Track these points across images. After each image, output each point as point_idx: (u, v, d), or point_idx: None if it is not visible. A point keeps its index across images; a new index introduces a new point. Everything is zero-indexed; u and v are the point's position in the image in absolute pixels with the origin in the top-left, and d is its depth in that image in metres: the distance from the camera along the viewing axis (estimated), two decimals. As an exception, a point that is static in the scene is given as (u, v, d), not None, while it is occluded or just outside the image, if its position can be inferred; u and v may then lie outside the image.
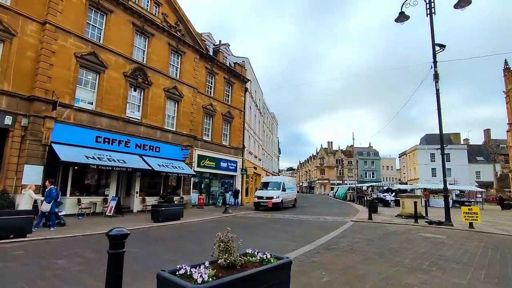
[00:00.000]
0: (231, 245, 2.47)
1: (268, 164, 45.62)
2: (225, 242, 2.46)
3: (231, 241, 2.49)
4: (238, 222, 13.32)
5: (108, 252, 2.51)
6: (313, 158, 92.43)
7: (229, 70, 26.27)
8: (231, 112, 26.29)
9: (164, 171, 17.62)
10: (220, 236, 2.50)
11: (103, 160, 14.76)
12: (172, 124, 20.31)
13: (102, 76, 16.04)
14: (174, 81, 20.34)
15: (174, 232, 10.01)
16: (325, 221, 13.94)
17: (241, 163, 27.23)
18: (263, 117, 40.68)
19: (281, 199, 21.14)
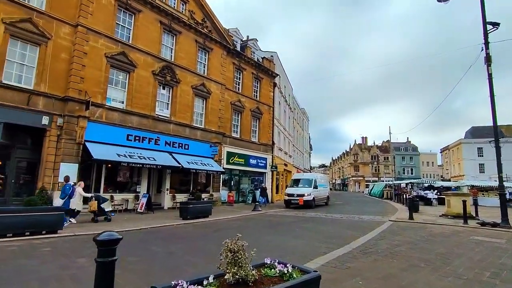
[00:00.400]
0: (242, 256, 1.95)
1: (299, 161, 44.61)
2: (234, 252, 1.94)
3: (241, 251, 1.97)
4: (266, 221, 12.82)
5: (96, 260, 2.09)
6: (346, 154, 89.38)
7: (257, 65, 25.77)
8: (260, 108, 25.81)
9: (193, 168, 17.60)
10: (228, 244, 1.97)
11: (134, 158, 14.98)
12: (200, 121, 20.27)
13: (131, 75, 16.30)
14: (202, 78, 20.26)
15: (199, 231, 9.74)
16: (361, 221, 12.98)
17: (270, 159, 26.70)
18: (293, 112, 39.75)
19: (312, 196, 20.31)
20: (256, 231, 9.70)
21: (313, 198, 20.43)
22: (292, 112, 38.25)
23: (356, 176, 79.43)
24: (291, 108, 37.76)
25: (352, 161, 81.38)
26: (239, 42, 25.27)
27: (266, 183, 25.95)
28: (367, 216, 14.73)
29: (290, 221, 12.73)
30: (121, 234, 6.78)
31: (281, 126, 30.99)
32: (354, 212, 17.16)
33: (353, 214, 15.71)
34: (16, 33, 12.59)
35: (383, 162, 74.98)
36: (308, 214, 15.99)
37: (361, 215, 15.21)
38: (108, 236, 2.09)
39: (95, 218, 11.29)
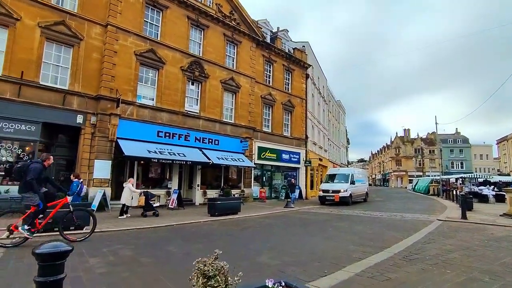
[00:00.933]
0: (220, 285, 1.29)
1: (335, 155, 42.82)
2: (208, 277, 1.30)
3: (220, 275, 1.32)
4: (297, 218, 12.05)
5: (35, 280, 1.58)
6: (387, 148, 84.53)
7: (288, 57, 24.81)
8: (292, 101, 24.87)
9: (223, 163, 17.31)
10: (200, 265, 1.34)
11: (164, 154, 15.02)
12: (230, 116, 19.92)
13: (160, 72, 16.34)
14: (230, 72, 19.86)
15: (225, 228, 9.28)
16: (403, 220, 11.68)
17: (304, 154, 25.69)
18: (328, 105, 38.11)
19: (349, 192, 19.04)
20: (284, 230, 9.01)
21: (350, 195, 19.15)
22: (326, 105, 36.67)
23: (398, 170, 74.74)
24: (326, 101, 36.19)
25: (394, 155, 76.71)
26: (268, 33, 24.48)
27: (300, 179, 25.06)
28: (411, 215, 13.31)
29: (323, 219, 11.83)
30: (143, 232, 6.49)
31: (314, 119, 29.74)
32: (396, 210, 15.70)
33: (394, 212, 14.33)
34: (51, 36, 13.08)
35: (428, 155, 69.61)
36: (344, 211, 14.90)
37: (404, 214, 13.80)
38: (51, 248, 1.58)
39: (144, 213, 11.79)
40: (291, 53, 25.72)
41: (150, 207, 11.96)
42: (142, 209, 11.89)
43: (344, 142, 53.17)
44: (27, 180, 6.23)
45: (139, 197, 11.96)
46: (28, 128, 12.34)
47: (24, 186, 6.37)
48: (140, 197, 11.93)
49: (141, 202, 11.85)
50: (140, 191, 12.31)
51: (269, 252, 5.97)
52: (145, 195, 12.06)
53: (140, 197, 11.93)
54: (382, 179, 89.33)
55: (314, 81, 29.98)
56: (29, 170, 6.35)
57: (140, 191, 12.43)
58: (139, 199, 11.92)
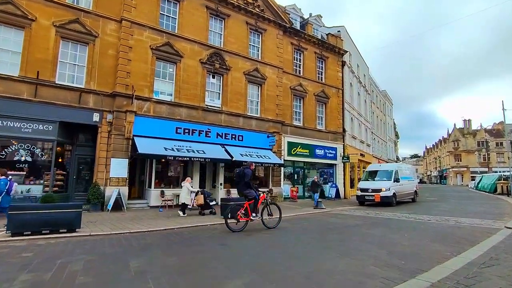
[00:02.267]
0: None
1: (381, 151, 39.14)
2: None
3: None
4: (323, 222, 10.31)
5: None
6: (444, 141, 76.13)
7: (321, 43, 22.71)
8: (326, 91, 22.74)
9: (245, 160, 15.94)
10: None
11: (181, 151, 14.27)
12: (255, 110, 18.62)
13: (178, 65, 15.64)
14: (254, 63, 18.54)
15: (225, 236, 8.00)
16: (457, 227, 9.29)
17: (341, 149, 23.38)
18: (371, 95, 34.83)
19: (392, 191, 16.54)
20: (294, 239, 7.44)
21: (394, 194, 16.64)
22: (369, 95, 33.48)
23: (458, 166, 66.74)
24: (368, 91, 33.04)
25: (452, 149, 68.69)
26: (298, 20, 22.62)
27: (337, 177, 22.86)
28: (469, 220, 10.72)
29: (354, 224, 9.93)
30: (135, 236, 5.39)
31: (354, 111, 27.10)
32: (450, 213, 13.03)
33: (447, 216, 11.76)
34: (66, 34, 13.01)
35: (495, 148, 60.97)
36: (383, 214, 12.71)
37: (460, 218, 11.22)
38: None
39: (202, 212, 12.13)
40: (324, 39, 23.57)
41: (208, 206, 12.21)
42: (200, 208, 12.13)
43: (392, 136, 48.66)
44: (246, 181, 8.85)
45: (197, 196, 12.11)
46: (46, 128, 12.38)
47: (244, 185, 8.92)
48: (198, 196, 12.09)
49: (200, 200, 11.97)
50: (198, 190, 12.51)
51: (249, 274, 4.53)
52: (203, 193, 12.31)
53: (198, 196, 12.09)
54: (438, 176, 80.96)
55: (353, 68, 27.31)
56: (245, 174, 8.90)
57: (198, 189, 12.62)
58: (197, 197, 12.07)
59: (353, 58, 27.87)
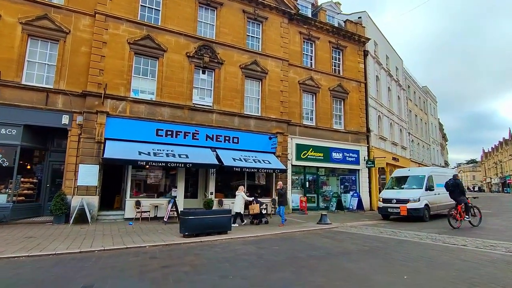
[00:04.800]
0: None
1: (423, 155, 34.12)
2: None
3: None
4: (305, 246, 7.57)
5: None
6: (505, 143, 66.10)
7: (337, 31, 19.82)
8: (344, 85, 19.69)
9: (237, 166, 13.76)
10: None
11: (159, 156, 12.46)
12: (255, 108, 16.33)
13: (160, 61, 14.04)
14: (253, 55, 16.35)
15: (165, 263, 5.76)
16: (504, 261, 6.02)
17: (365, 152, 19.97)
18: (406, 91, 30.49)
19: (424, 202, 13.01)
20: (223, 280, 4.95)
21: (426, 206, 13.09)
22: (403, 91, 29.26)
23: (525, 172, 57.05)
24: (402, 85, 28.86)
25: (516, 152, 59.10)
26: (309, 7, 20.07)
27: (360, 184, 19.45)
28: (529, 247, 7.25)
29: (345, 250, 7.05)
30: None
31: (382, 108, 23.42)
32: (503, 234, 9.41)
33: (495, 240, 8.26)
34: (34, 32, 12.07)
35: None
36: (402, 233, 9.53)
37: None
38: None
39: (255, 221, 11.95)
40: (341, 27, 20.64)
41: (262, 215, 12.19)
42: (252, 217, 12.07)
43: (438, 139, 42.74)
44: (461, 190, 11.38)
45: (252, 205, 12.10)
46: (9, 132, 11.35)
47: (460, 193, 11.24)
48: (254, 205, 12.07)
49: (256, 209, 11.94)
50: (252, 199, 12.55)
51: None
52: (257, 202, 12.26)
53: (254, 205, 12.07)
54: (500, 183, 70.39)
55: (380, 60, 23.75)
56: (459, 184, 11.60)
57: (252, 198, 12.62)
58: (252, 207, 12.05)
59: (380, 48, 24.31)
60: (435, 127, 42.02)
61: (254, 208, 11.97)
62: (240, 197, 11.94)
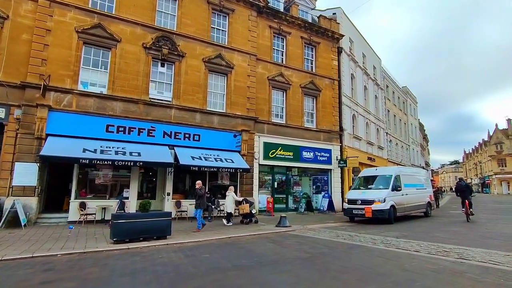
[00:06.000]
0: None
1: (403, 155, 33.98)
2: None
3: None
4: (245, 255, 6.79)
5: None
6: (484, 145, 67.36)
7: (309, 27, 19.20)
8: (316, 82, 19.08)
9: (195, 165, 12.90)
10: None
11: (105, 153, 11.48)
12: (219, 104, 15.49)
13: (113, 51, 13.04)
14: (218, 49, 15.52)
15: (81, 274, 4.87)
16: (452, 271, 5.38)
17: (338, 151, 19.41)
18: (385, 91, 30.23)
19: (389, 204, 12.40)
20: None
21: (392, 207, 12.49)
22: (381, 90, 28.97)
23: (502, 173, 58.05)
24: (380, 85, 28.57)
25: (494, 153, 60.14)
26: (281, 0, 19.38)
27: (332, 184, 18.87)
28: (485, 252, 6.68)
29: (285, 259, 6.30)
30: None
31: (358, 106, 22.96)
32: (464, 237, 8.88)
33: (451, 245, 7.68)
34: (-35, 16, 10.92)
35: (548, 151, 52.14)
36: (358, 237, 8.88)
37: (473, 248, 7.18)
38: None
39: (245, 221, 12.09)
40: (315, 22, 20.04)
41: (252, 214, 12.29)
42: (242, 217, 12.27)
43: (417, 139, 42.85)
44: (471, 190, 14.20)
45: (242, 205, 12.27)
46: None
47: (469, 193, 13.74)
48: (244, 205, 12.23)
49: (246, 209, 12.10)
50: (242, 199, 12.73)
51: None
52: (247, 202, 12.40)
53: (244, 205, 12.23)
54: (480, 184, 71.73)
55: (355, 58, 23.30)
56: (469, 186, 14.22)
57: (242, 198, 12.82)
58: (242, 206, 12.23)
59: (356, 46, 23.87)
60: (415, 128, 42.13)
61: (244, 208, 12.15)
62: (231, 197, 12.09)
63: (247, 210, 12.11)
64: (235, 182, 15.28)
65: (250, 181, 15.58)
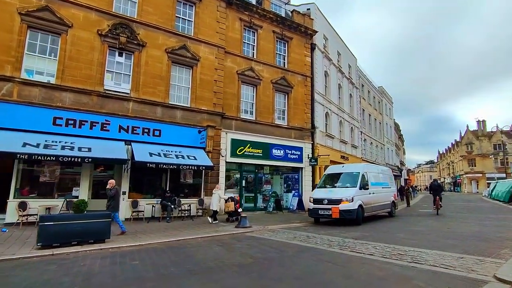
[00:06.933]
0: None
1: (377, 154, 34.28)
2: None
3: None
4: (183, 261, 6.13)
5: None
6: (456, 145, 69.75)
7: (282, 21, 18.68)
8: (288, 78, 18.61)
9: (152, 162, 12.06)
10: None
11: (51, 149, 10.45)
12: (184, 98, 14.69)
13: (64, 38, 11.96)
14: (183, 39, 14.69)
15: None
16: (401, 276, 4.97)
17: (309, 149, 19.05)
18: (360, 90, 30.28)
19: (357, 203, 11.93)
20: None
21: (360, 207, 12.04)
22: (356, 89, 28.96)
23: (472, 172, 60.26)
24: (355, 84, 28.55)
25: (465, 153, 62.31)
26: (253, -7, 18.73)
27: (303, 183, 18.49)
28: (439, 256, 6.36)
29: (224, 265, 5.70)
30: None
31: (331, 104, 22.73)
32: (424, 237, 8.63)
33: (408, 247, 7.34)
34: None
35: (514, 152, 54.48)
36: (316, 238, 8.42)
37: (429, 249, 6.87)
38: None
39: (231, 219, 12.29)
40: (288, 17, 19.55)
41: (237, 213, 12.35)
42: (228, 215, 12.45)
43: (392, 139, 43.53)
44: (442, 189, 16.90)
45: (228, 203, 12.46)
46: None
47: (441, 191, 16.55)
48: (229, 203, 12.42)
49: (230, 207, 12.30)
50: (228, 197, 12.84)
51: None
52: (232, 200, 12.62)
53: (229, 203, 12.42)
54: (452, 183, 74.28)
55: (330, 55, 23.04)
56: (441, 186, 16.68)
57: (228, 197, 12.95)
58: (228, 204, 12.40)
59: (331, 44, 23.62)
60: (391, 127, 42.75)
61: (229, 206, 12.37)
62: (217, 196, 12.11)
63: (232, 208, 12.32)
64: (200, 180, 14.57)
65: (216, 179, 14.86)
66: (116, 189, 9.05)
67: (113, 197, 8.82)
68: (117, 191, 9.06)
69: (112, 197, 8.79)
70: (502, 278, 4.78)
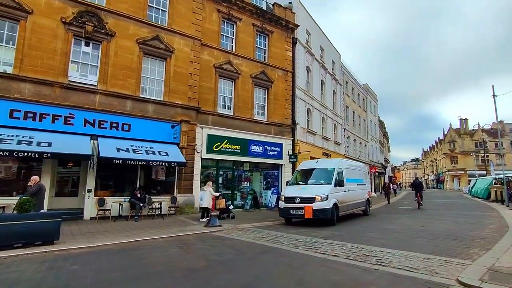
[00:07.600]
0: None
1: (361, 151, 34.35)
2: None
3: None
4: (128, 266, 5.64)
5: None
6: (440, 143, 71.06)
7: (262, 14, 18.20)
8: (269, 73, 18.18)
9: (119, 158, 11.44)
10: None
11: (4, 143, 9.71)
12: (156, 91, 14.07)
13: (23, 24, 11.16)
14: (156, 30, 14.04)
15: None
16: (358, 282, 4.62)
17: (290, 146, 18.72)
18: (344, 86, 30.14)
19: (332, 201, 11.38)
20: None
21: (335, 205, 11.53)
22: (340, 86, 28.80)
23: (454, 169, 61.52)
24: (338, 80, 28.36)
25: (448, 151, 63.52)
26: (232, -16, 18.13)
27: (284, 179, 18.15)
28: (406, 256, 6.09)
29: (170, 270, 5.25)
30: None
31: (314, 100, 22.44)
32: (396, 236, 8.38)
33: (375, 247, 7.05)
34: None
35: (494, 150, 55.85)
36: (284, 238, 8.07)
37: (397, 250, 6.60)
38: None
39: (221, 216, 12.00)
40: (269, 10, 19.07)
41: (227, 210, 12.60)
42: (219, 212, 12.06)
43: (377, 136, 43.80)
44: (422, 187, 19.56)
45: (218, 200, 12.41)
46: None
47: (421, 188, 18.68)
48: (220, 200, 12.43)
49: (222, 204, 12.32)
50: (219, 194, 12.92)
51: None
52: (223, 197, 12.92)
53: (220, 200, 12.43)
54: (435, 180, 75.74)
55: (312, 50, 22.71)
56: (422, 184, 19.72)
57: (219, 194, 13.02)
58: (219, 201, 12.36)
59: (314, 39, 23.28)
60: (375, 125, 42.97)
61: (220, 203, 12.34)
62: (208, 193, 12.02)
63: (223, 205, 12.35)
64: (173, 177, 14.03)
65: (190, 176, 14.36)
66: (39, 186, 8.24)
67: (35, 195, 7.87)
68: (40, 188, 8.17)
69: (33, 194, 7.82)
70: (464, 282, 4.50)
